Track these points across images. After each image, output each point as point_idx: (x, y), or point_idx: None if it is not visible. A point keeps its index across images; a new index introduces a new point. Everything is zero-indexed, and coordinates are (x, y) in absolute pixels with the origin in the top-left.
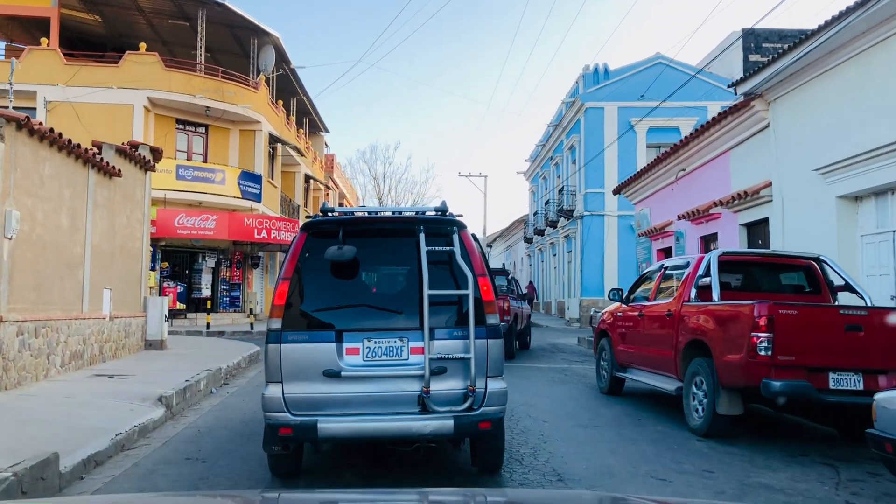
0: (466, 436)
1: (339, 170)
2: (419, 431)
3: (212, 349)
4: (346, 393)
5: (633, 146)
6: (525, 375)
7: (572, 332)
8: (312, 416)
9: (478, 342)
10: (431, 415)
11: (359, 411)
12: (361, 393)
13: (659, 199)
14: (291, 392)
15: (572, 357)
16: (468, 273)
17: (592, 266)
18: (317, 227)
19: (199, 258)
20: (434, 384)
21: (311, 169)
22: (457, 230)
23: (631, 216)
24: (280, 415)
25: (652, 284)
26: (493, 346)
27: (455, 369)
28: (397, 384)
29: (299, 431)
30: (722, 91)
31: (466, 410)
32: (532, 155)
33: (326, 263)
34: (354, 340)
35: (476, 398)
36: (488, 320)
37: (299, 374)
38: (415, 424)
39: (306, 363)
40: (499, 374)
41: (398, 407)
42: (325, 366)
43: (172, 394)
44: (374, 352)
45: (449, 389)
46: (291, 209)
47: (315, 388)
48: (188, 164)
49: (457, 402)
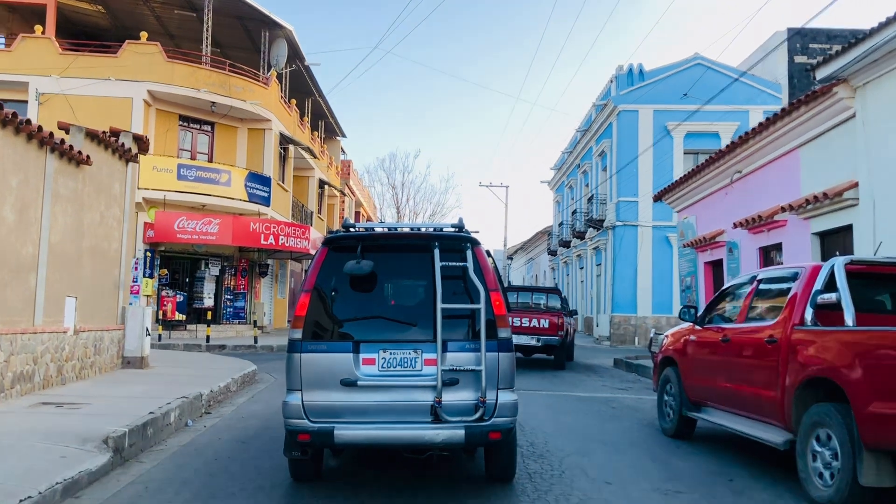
0: (477, 445)
1: (356, 176)
2: (431, 440)
3: (201, 368)
4: (362, 401)
5: (669, 152)
6: (567, 408)
7: (604, 351)
8: (329, 423)
9: (489, 355)
10: (443, 424)
11: (374, 419)
12: (377, 402)
13: (707, 206)
14: (310, 400)
15: (613, 383)
16: (480, 288)
17: (624, 280)
18: (337, 241)
19: (202, 265)
20: (446, 395)
21: (325, 174)
22: (470, 246)
23: (667, 227)
24: (299, 421)
25: (739, 302)
26: (505, 359)
27: (467, 381)
28: (411, 394)
29: (317, 437)
30: (766, 95)
31: (477, 421)
32: (557, 163)
33: (346, 277)
34: (371, 351)
35: (487, 409)
36: (500, 334)
37: (318, 383)
38: (427, 433)
39: (325, 372)
40: (509, 386)
41: (411, 416)
42: (342, 375)
43: (125, 432)
44: (390, 362)
45: (461, 400)
46: (304, 215)
47: (332, 396)
48: (190, 164)
49: (468, 413)
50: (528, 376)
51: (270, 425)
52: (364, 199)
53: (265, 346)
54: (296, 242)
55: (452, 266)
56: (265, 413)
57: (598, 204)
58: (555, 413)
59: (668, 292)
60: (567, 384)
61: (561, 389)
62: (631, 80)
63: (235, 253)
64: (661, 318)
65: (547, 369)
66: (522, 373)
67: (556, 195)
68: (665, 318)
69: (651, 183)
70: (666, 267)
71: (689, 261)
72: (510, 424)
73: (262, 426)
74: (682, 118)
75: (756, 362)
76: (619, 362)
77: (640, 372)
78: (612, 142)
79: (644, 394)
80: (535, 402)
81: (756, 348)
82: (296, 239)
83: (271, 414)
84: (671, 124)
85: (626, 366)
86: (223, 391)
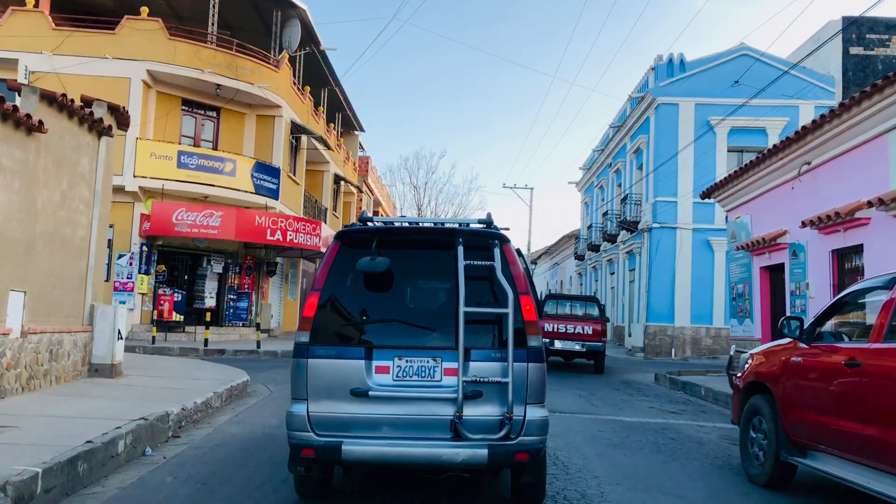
0: (502, 467)
1: (375, 174)
2: (450, 460)
3: (182, 377)
4: (373, 414)
5: (711, 149)
6: (616, 440)
7: (639, 363)
8: (337, 438)
9: (517, 366)
10: (464, 442)
11: (386, 434)
12: (390, 415)
13: (765, 204)
14: (316, 411)
15: (661, 404)
16: (509, 290)
17: (661, 287)
18: (351, 236)
19: (203, 262)
20: (468, 409)
21: (341, 170)
22: (498, 244)
23: (709, 230)
24: (303, 434)
25: (872, 314)
26: (535, 370)
27: (492, 394)
28: (429, 407)
29: (322, 453)
30: (817, 89)
31: (502, 439)
32: (587, 163)
33: (359, 275)
34: (385, 358)
35: (514, 426)
36: (530, 342)
37: (325, 392)
38: (446, 452)
39: (333, 380)
40: (539, 401)
41: (429, 432)
42: (352, 384)
43: (37, 473)
44: (406, 371)
45: (484, 416)
46: (317, 211)
47: (341, 407)
48: (192, 151)
49: (492, 430)
50: (563, 394)
51: (250, 458)
52: (383, 199)
53: (268, 352)
54: (306, 239)
55: (478, 265)
56: (246, 438)
57: (632, 205)
58: (603, 447)
59: (709, 301)
60: (609, 405)
61: (604, 412)
62: (671, 72)
63: (240, 249)
64: (699, 329)
65: (582, 385)
66: (556, 390)
67: (584, 197)
68: (705, 328)
69: (691, 182)
70: (706, 273)
71: (741, 265)
72: (539, 444)
73: (239, 458)
74: (726, 112)
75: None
76: (661, 378)
77: (689, 390)
78: (650, 137)
79: (702, 419)
80: (577, 430)
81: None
82: (306, 235)
83: (253, 440)
84: (714, 119)
85: (671, 382)
86: (200, 408)
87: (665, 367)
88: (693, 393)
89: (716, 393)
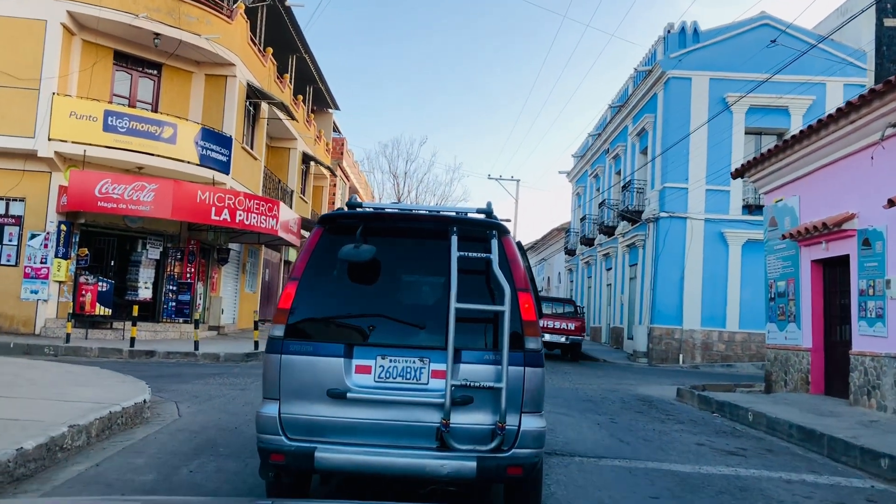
0: (492, 481)
1: (350, 158)
2: (435, 471)
3: (44, 397)
4: (351, 418)
5: (727, 131)
6: None
7: (644, 372)
8: (310, 443)
9: (512, 370)
10: (451, 453)
11: (365, 441)
12: (370, 420)
13: (822, 182)
14: (289, 412)
15: (709, 436)
16: (506, 286)
17: (668, 284)
18: (335, 221)
19: (138, 246)
20: (456, 416)
21: (311, 149)
22: (497, 235)
23: (724, 221)
24: (273, 437)
25: None
26: (532, 375)
27: (483, 400)
28: (413, 413)
29: (293, 459)
30: (846, 65)
31: (494, 451)
32: (580, 149)
33: (343, 265)
34: (366, 357)
35: (507, 437)
36: (528, 344)
37: (300, 392)
38: (430, 463)
39: (308, 379)
40: (536, 409)
41: (412, 440)
42: (329, 384)
43: None
44: (389, 372)
45: (474, 424)
46: (282, 194)
47: (316, 409)
48: (123, 111)
49: (483, 441)
50: (574, 418)
51: None
52: (360, 186)
53: (209, 355)
54: (260, 221)
55: (473, 258)
56: None
57: (633, 193)
58: None
59: (722, 301)
60: (643, 440)
61: (642, 454)
62: (683, 42)
63: (183, 232)
64: (711, 333)
65: (591, 403)
66: (564, 414)
67: (576, 187)
68: (717, 332)
69: (704, 167)
70: (720, 270)
71: (783, 259)
72: (535, 458)
73: None
74: (744, 89)
75: None
76: (685, 394)
77: (730, 414)
78: (657, 117)
79: (779, 465)
80: (620, 498)
81: None
82: (260, 217)
83: None
84: (731, 96)
85: (700, 401)
86: (33, 456)
87: (677, 377)
88: (738, 418)
89: (772, 420)
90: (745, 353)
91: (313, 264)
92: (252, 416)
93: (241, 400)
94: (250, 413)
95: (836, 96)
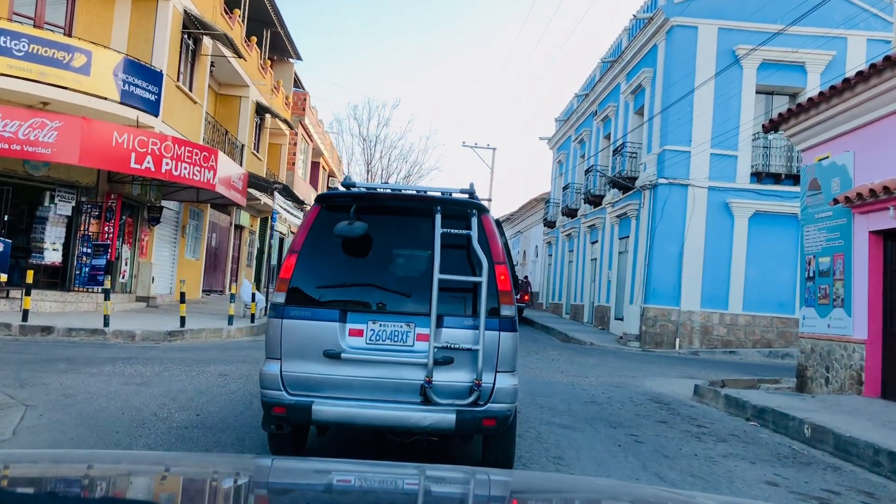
0: (469, 432)
1: (314, 116)
2: (418, 423)
3: None
4: (345, 376)
5: (735, 88)
6: None
7: (638, 357)
8: (308, 398)
9: (489, 334)
10: (432, 407)
11: (357, 396)
12: (361, 377)
13: (886, 135)
14: (289, 370)
15: (773, 465)
16: (484, 260)
17: (665, 260)
18: (331, 200)
19: (45, 199)
20: (438, 375)
21: (267, 99)
22: (477, 213)
23: (730, 190)
24: (276, 393)
25: None
26: (506, 339)
27: (462, 361)
28: (400, 371)
29: (293, 412)
30: (870, 17)
31: (471, 405)
32: (564, 112)
33: (338, 239)
34: (359, 322)
35: (483, 393)
36: (503, 311)
37: (299, 353)
38: (414, 415)
39: (307, 341)
40: (510, 369)
41: (399, 395)
42: (325, 346)
43: None
44: (379, 335)
45: (454, 381)
46: (230, 147)
47: (314, 368)
48: (19, 31)
49: (461, 396)
50: (585, 433)
51: None
52: (326, 149)
53: (122, 333)
54: (193, 173)
55: (455, 234)
56: None
57: (626, 157)
58: None
59: (725, 280)
60: (690, 477)
61: None
62: None
63: (102, 184)
64: (712, 316)
65: (598, 406)
66: (569, 427)
67: (557, 154)
68: (718, 314)
69: (709, 129)
70: (723, 245)
71: (830, 229)
72: (508, 412)
73: None
74: (758, 41)
75: None
76: (705, 393)
77: (773, 423)
78: (657, 71)
79: None
80: None
81: None
82: (194, 167)
83: None
84: (742, 48)
85: (729, 403)
86: None
87: (679, 365)
88: (788, 431)
89: (843, 440)
90: (748, 338)
91: (311, 238)
92: (143, 434)
93: (132, 402)
94: (134, 430)
95: (859, 52)
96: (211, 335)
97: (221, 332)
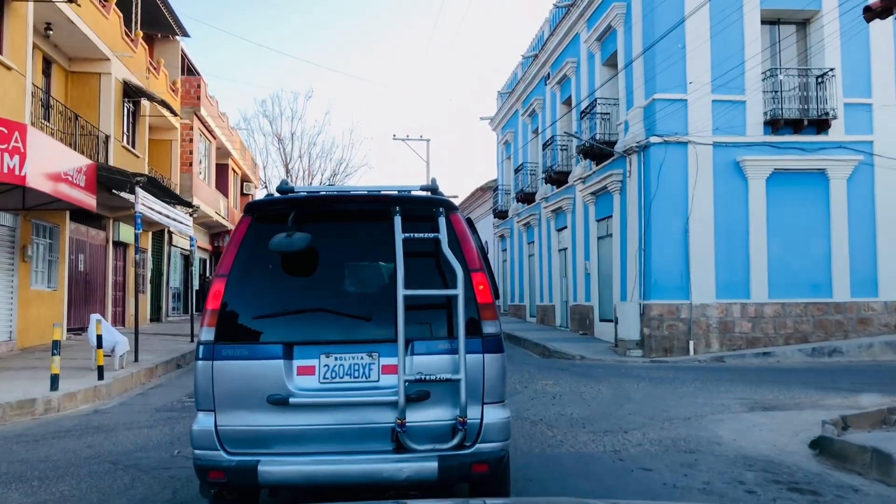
0: (456, 481)
1: (215, 108)
2: (392, 476)
3: None
4: (296, 425)
5: (736, 16)
6: None
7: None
8: (253, 456)
9: (470, 357)
10: (409, 454)
11: (313, 449)
12: (317, 425)
13: None
14: (226, 424)
15: None
16: (458, 268)
17: (667, 241)
18: (263, 208)
19: None
20: (412, 414)
21: (141, 80)
22: (444, 212)
23: (740, 145)
24: (211, 453)
25: None
26: (492, 362)
27: (441, 394)
28: (364, 414)
29: (234, 475)
30: None
31: (455, 448)
32: (508, 84)
33: (276, 256)
34: (308, 356)
35: (469, 432)
36: (485, 328)
37: (237, 401)
38: (387, 467)
39: (246, 386)
40: (499, 399)
41: (366, 444)
42: (269, 390)
43: None
44: (335, 371)
45: (432, 420)
46: (88, 139)
47: (257, 418)
48: None
49: (443, 438)
50: None
51: None
52: (236, 149)
53: None
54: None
55: (419, 239)
56: None
57: (597, 119)
58: None
59: (744, 261)
60: None
61: None
62: None
63: None
64: (731, 308)
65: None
66: None
67: (503, 134)
68: (739, 305)
69: (707, 69)
70: (738, 216)
71: None
72: (501, 452)
73: None
74: None
75: None
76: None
77: None
78: (631, 3)
79: None
80: None
81: None
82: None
83: None
84: None
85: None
86: None
87: (711, 381)
88: None
89: None
90: (778, 332)
91: (242, 258)
92: None
93: None
94: None
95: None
96: (15, 412)
97: (34, 405)
